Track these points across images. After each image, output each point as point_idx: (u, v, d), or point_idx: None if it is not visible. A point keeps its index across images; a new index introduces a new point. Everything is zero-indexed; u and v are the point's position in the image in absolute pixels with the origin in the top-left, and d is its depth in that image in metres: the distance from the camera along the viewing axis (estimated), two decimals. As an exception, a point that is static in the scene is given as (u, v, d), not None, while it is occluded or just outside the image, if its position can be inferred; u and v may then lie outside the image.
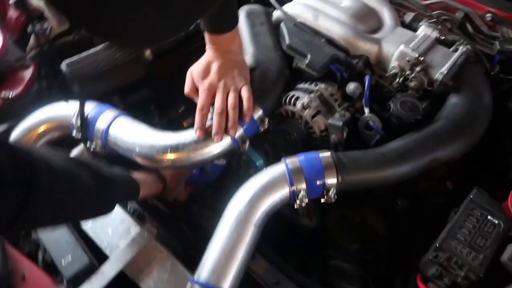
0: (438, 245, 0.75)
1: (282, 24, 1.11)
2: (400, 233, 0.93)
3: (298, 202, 0.83)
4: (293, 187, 0.82)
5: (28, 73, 1.14)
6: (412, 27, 1.13)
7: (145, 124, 0.95)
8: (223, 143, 0.90)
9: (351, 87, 0.97)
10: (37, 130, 1.00)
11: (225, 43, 0.91)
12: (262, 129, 0.94)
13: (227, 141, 0.90)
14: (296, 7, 1.14)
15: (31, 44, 1.20)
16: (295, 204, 0.84)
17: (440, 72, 0.97)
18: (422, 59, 0.99)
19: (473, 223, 0.78)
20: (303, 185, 0.82)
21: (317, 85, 0.98)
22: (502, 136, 1.06)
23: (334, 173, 0.82)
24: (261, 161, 1.02)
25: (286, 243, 1.19)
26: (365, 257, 0.97)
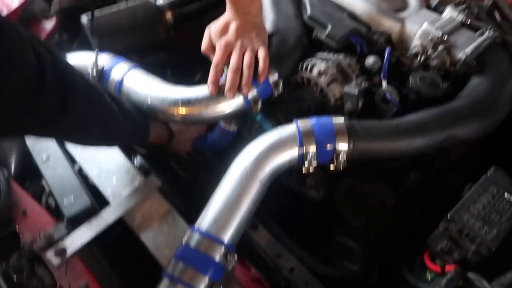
0: (450, 216, 0.73)
1: (304, -5, 1.10)
2: (408, 211, 0.90)
3: (306, 165, 0.81)
4: (303, 149, 0.80)
5: (50, 24, 1.16)
6: (438, 11, 1.10)
7: (159, 78, 0.95)
8: (235, 102, 0.89)
9: (370, 60, 0.95)
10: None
11: (245, 4, 0.91)
12: (276, 93, 0.93)
13: (239, 100, 0.89)
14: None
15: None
16: (303, 167, 0.83)
17: (464, 51, 0.94)
18: (445, 38, 0.96)
19: (488, 198, 0.75)
20: (312, 148, 0.80)
21: (335, 55, 0.96)
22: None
23: (345, 138, 0.80)
24: (273, 130, 1.00)
25: (290, 220, 1.17)
26: (371, 233, 0.94)
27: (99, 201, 0.90)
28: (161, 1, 1.13)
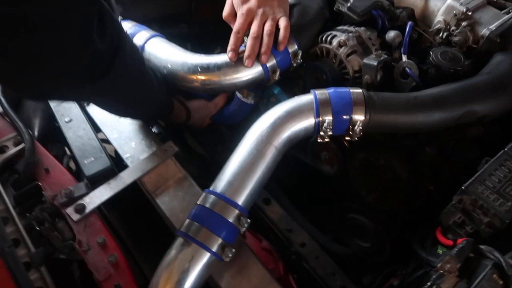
0: (464, 188, 0.72)
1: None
2: (422, 187, 0.90)
3: (322, 133, 0.81)
4: (319, 118, 0.80)
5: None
6: (463, -12, 1.08)
7: (179, 46, 0.96)
8: (254, 70, 0.90)
9: (391, 34, 0.94)
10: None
11: (267, -27, 0.91)
12: (294, 64, 0.94)
13: (258, 69, 0.90)
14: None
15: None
16: (318, 137, 0.83)
17: (487, 28, 0.93)
18: (470, 14, 0.95)
19: (504, 172, 0.74)
20: (329, 117, 0.80)
21: (356, 28, 0.96)
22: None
23: (362, 109, 0.80)
24: (290, 103, 1.00)
25: (303, 196, 1.18)
26: (383, 208, 0.95)
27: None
28: (184, -27, 1.15)
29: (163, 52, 0.94)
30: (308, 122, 0.81)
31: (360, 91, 0.82)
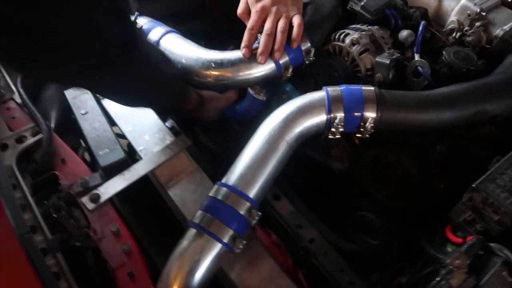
0: (474, 186, 0.73)
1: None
2: (432, 185, 0.90)
3: (333, 129, 0.82)
4: (331, 115, 0.81)
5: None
6: (477, -12, 1.08)
7: (194, 42, 0.98)
8: (267, 66, 0.91)
9: (404, 33, 0.95)
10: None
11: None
12: (307, 61, 0.95)
13: (271, 65, 0.91)
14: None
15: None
16: (329, 133, 0.84)
17: (501, 29, 0.93)
18: (484, 15, 0.95)
19: (516, 172, 0.74)
20: (340, 114, 0.81)
21: (368, 27, 0.97)
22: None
23: (374, 107, 0.81)
24: (302, 100, 1.01)
25: (313, 193, 1.19)
26: (393, 206, 0.95)
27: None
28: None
29: (178, 47, 0.96)
30: (319, 118, 0.82)
31: (372, 88, 0.82)
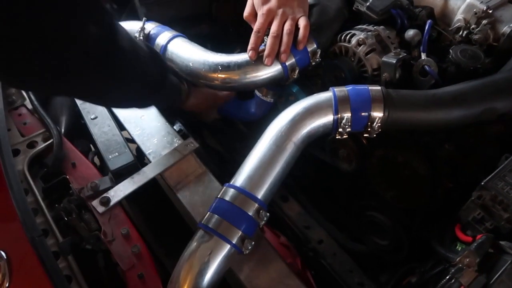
0: (483, 183, 0.72)
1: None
2: (441, 184, 0.89)
3: (340, 130, 0.82)
4: (338, 115, 0.81)
5: (101, -5, 1.22)
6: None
7: (201, 46, 0.99)
8: (273, 68, 0.91)
9: (410, 33, 0.95)
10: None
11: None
12: (313, 62, 0.95)
13: (277, 67, 0.92)
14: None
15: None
16: (336, 134, 0.84)
17: (509, 26, 0.92)
18: (490, 12, 0.94)
19: (525, 169, 0.74)
20: (347, 114, 0.81)
21: (374, 27, 0.97)
22: None
23: (381, 106, 0.81)
24: (308, 101, 1.02)
25: (321, 194, 1.19)
26: (402, 206, 0.95)
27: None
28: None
29: (185, 51, 0.97)
30: (326, 118, 0.82)
31: (378, 88, 0.82)
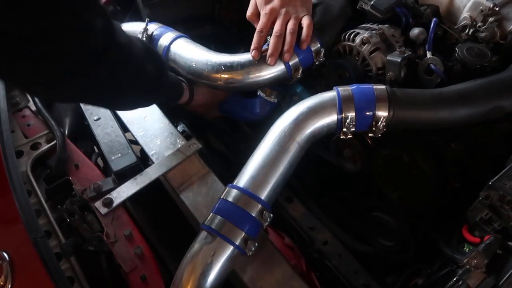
0: (491, 183, 0.71)
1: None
2: (448, 184, 0.88)
3: (344, 129, 0.81)
4: (342, 115, 0.80)
5: (105, -4, 1.23)
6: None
7: (204, 47, 0.99)
8: (276, 68, 0.91)
9: (416, 31, 0.94)
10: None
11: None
12: (317, 62, 0.94)
13: (281, 67, 0.91)
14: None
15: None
16: (340, 133, 0.83)
17: (516, 23, 0.91)
18: (497, 10, 0.93)
19: (533, 169, 0.72)
20: (352, 113, 0.80)
21: (379, 26, 0.96)
22: None
23: (386, 105, 0.80)
24: (312, 101, 1.01)
25: (326, 195, 1.18)
26: (408, 206, 0.93)
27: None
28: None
29: (188, 52, 0.96)
30: (330, 118, 0.81)
31: (383, 87, 0.81)
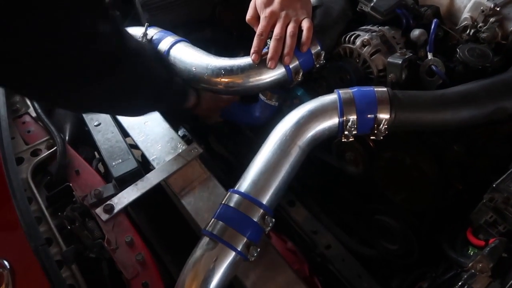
0: (495, 185, 0.70)
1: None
2: (451, 186, 0.87)
3: (346, 132, 0.81)
4: (343, 118, 0.80)
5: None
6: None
7: (203, 51, 0.98)
8: (277, 71, 0.90)
9: (416, 33, 0.93)
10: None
11: (290, -24, 0.92)
12: (317, 65, 0.94)
13: (281, 70, 0.90)
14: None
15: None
16: (342, 136, 0.83)
17: (517, 23, 0.90)
18: (498, 10, 0.92)
19: (538, 169, 0.72)
20: (353, 116, 0.80)
21: (379, 27, 0.95)
22: None
23: (387, 108, 0.79)
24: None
25: (328, 198, 1.17)
26: (411, 209, 0.93)
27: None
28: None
29: (188, 56, 0.96)
30: (332, 121, 0.80)
31: (384, 89, 0.81)
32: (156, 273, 0.78)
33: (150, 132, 1.00)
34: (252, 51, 0.89)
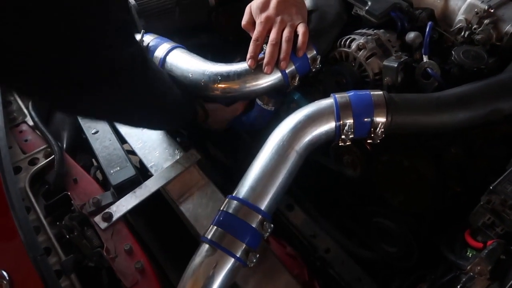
0: (492, 187, 0.70)
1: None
2: (449, 188, 0.88)
3: (343, 136, 0.81)
4: (340, 122, 0.80)
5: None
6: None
7: (200, 57, 0.98)
8: (273, 76, 0.90)
9: (411, 35, 0.93)
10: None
11: (285, -20, 0.92)
12: (313, 69, 0.94)
13: (277, 75, 0.91)
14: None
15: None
16: (339, 140, 0.83)
17: (511, 25, 0.90)
18: (492, 11, 0.93)
19: (535, 171, 0.72)
20: (350, 120, 0.80)
21: (374, 31, 0.96)
22: None
23: (384, 111, 0.79)
24: (310, 108, 1.00)
25: (327, 202, 1.17)
26: (409, 211, 0.93)
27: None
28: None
29: (184, 62, 0.96)
30: (328, 126, 0.81)
31: (380, 93, 0.81)
32: (155, 281, 0.78)
33: (147, 139, 1.00)
34: (248, 56, 0.89)
